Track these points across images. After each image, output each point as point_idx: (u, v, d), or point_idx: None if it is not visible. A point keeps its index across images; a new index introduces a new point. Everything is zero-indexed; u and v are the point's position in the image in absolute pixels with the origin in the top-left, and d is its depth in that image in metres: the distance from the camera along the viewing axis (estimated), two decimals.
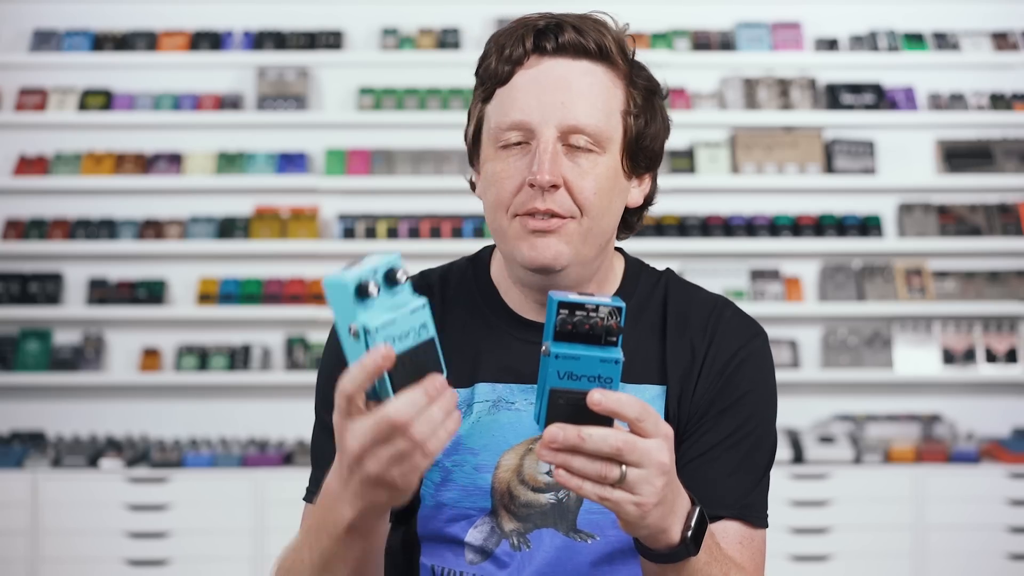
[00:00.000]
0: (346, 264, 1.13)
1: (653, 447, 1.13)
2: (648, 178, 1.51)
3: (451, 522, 1.46)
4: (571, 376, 1.11)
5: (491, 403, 1.46)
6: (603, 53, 1.42)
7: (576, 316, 1.11)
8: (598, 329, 1.11)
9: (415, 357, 1.12)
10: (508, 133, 1.41)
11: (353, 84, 4.88)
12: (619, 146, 1.43)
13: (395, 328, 1.11)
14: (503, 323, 1.50)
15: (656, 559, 1.24)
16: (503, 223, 1.42)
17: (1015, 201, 4.84)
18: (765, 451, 1.47)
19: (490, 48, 1.44)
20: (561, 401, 1.11)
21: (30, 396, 4.79)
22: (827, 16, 4.96)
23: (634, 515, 1.15)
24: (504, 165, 1.42)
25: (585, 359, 1.11)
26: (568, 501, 1.44)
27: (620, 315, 1.11)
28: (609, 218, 1.44)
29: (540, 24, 1.42)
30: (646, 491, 1.14)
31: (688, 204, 4.81)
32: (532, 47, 1.41)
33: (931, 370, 4.73)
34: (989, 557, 4.40)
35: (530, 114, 1.40)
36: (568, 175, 1.40)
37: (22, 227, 4.75)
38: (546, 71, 1.41)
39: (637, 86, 1.45)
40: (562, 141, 1.40)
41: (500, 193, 1.42)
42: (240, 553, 4.36)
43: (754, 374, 1.48)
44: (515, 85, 1.41)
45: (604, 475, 1.12)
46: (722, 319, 1.50)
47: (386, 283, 1.12)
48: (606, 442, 1.11)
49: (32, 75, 4.88)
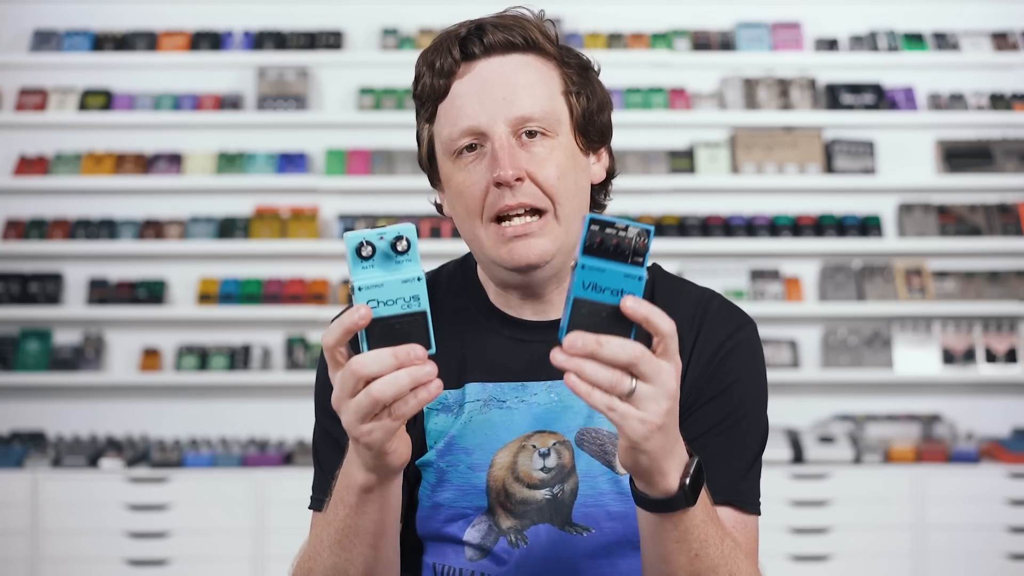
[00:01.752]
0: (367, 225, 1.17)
1: (665, 367, 1.14)
2: (604, 152, 1.54)
3: (449, 522, 1.46)
4: (595, 288, 1.14)
5: (482, 402, 1.47)
6: (530, 43, 1.45)
7: (606, 232, 1.14)
8: (625, 246, 1.14)
9: (399, 325, 1.15)
10: (460, 141, 1.44)
11: (353, 84, 4.88)
12: (568, 126, 1.46)
13: (381, 292, 1.15)
14: (492, 323, 1.51)
15: (653, 507, 1.23)
16: (478, 231, 1.45)
17: (1015, 201, 4.84)
18: (756, 437, 1.48)
19: (421, 68, 1.48)
20: (584, 311, 1.14)
21: (30, 396, 4.79)
22: (827, 16, 4.96)
23: (638, 433, 1.14)
24: (465, 175, 1.44)
25: (610, 272, 1.14)
26: (563, 496, 1.45)
27: (648, 237, 1.14)
28: (579, 198, 1.47)
29: (462, 32, 1.45)
30: (652, 409, 1.14)
31: (688, 204, 4.81)
32: (460, 56, 1.44)
33: (931, 370, 4.73)
34: (989, 557, 4.40)
35: (477, 117, 1.42)
36: (529, 166, 1.42)
37: (22, 227, 4.75)
38: (481, 73, 1.44)
39: (570, 66, 1.48)
40: (515, 135, 1.43)
41: (469, 201, 1.44)
42: (240, 553, 4.36)
43: (742, 362, 1.48)
44: (455, 95, 1.45)
45: (615, 383, 1.13)
46: (709, 310, 1.51)
47: (391, 249, 1.16)
48: (624, 350, 1.12)
49: (32, 75, 4.88)
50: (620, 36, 4.81)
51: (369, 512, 1.29)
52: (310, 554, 1.38)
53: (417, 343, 1.15)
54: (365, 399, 1.15)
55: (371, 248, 1.15)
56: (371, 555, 1.32)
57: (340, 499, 1.30)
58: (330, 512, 1.33)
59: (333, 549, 1.33)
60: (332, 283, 4.79)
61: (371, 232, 1.16)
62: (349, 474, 1.27)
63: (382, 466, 1.23)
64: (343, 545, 1.32)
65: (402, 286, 1.15)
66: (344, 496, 1.29)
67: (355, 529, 1.30)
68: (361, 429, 1.17)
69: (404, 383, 1.14)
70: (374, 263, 1.16)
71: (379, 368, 1.14)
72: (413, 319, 1.16)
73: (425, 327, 1.16)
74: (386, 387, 1.14)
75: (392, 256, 1.16)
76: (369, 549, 1.32)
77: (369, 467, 1.23)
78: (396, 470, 1.25)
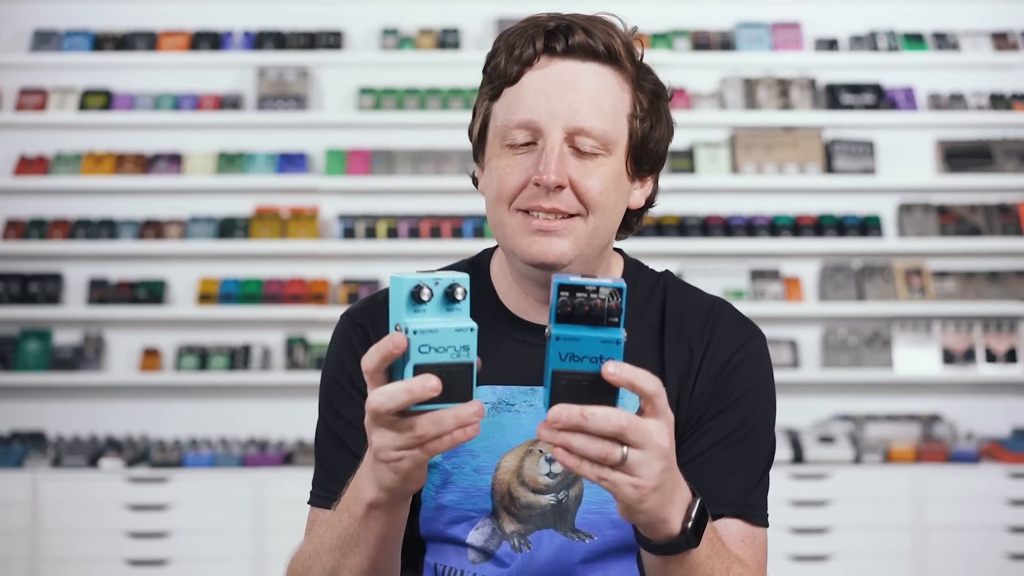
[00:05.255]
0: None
1: (655, 429, 1.14)
2: (650, 180, 1.51)
3: (452, 524, 1.46)
4: (573, 357, 1.12)
5: (491, 405, 1.47)
6: (612, 56, 1.42)
7: (577, 298, 1.12)
8: (598, 310, 1.12)
9: (447, 374, 1.14)
10: (515, 132, 1.41)
11: (353, 84, 4.88)
12: (624, 149, 1.44)
13: (435, 338, 1.14)
14: (503, 326, 1.51)
15: (657, 551, 1.24)
16: (504, 217, 1.43)
17: (1015, 201, 4.84)
18: (764, 450, 1.48)
19: (499, 47, 1.44)
20: (564, 382, 1.12)
21: (30, 396, 4.79)
22: (827, 16, 4.96)
23: (632, 497, 1.15)
24: (510, 161, 1.42)
25: (586, 340, 1.12)
26: (567, 501, 1.45)
27: (621, 296, 1.12)
28: (613, 218, 1.45)
29: (551, 25, 1.42)
30: (645, 474, 1.14)
31: (688, 204, 4.81)
32: (542, 48, 1.41)
33: (931, 370, 4.73)
34: (989, 557, 4.40)
35: (539, 114, 1.40)
36: (574, 175, 1.40)
37: (22, 227, 4.75)
38: (555, 72, 1.41)
39: (644, 89, 1.46)
40: (569, 143, 1.40)
41: (503, 187, 1.42)
42: (240, 553, 4.36)
43: (752, 374, 1.48)
44: (524, 85, 1.42)
45: (605, 455, 1.12)
46: (720, 320, 1.50)
47: (445, 298, 1.15)
48: (608, 421, 1.11)
49: (32, 75, 4.88)
50: None
51: (373, 527, 1.29)
52: (310, 553, 1.38)
53: (460, 393, 1.15)
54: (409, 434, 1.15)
55: (430, 292, 1.14)
56: (368, 566, 1.33)
57: (346, 507, 1.30)
58: (334, 517, 1.33)
59: (332, 553, 1.33)
60: (332, 283, 4.79)
61: (427, 276, 1.15)
62: (359, 487, 1.27)
63: (399, 489, 1.23)
64: (343, 551, 1.32)
65: (455, 335, 1.14)
66: (351, 506, 1.29)
67: (356, 539, 1.31)
68: (391, 455, 1.17)
69: (449, 424, 1.15)
70: (427, 308, 1.15)
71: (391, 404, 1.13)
72: (460, 369, 1.14)
73: (470, 378, 1.15)
74: (432, 426, 1.15)
75: (446, 303, 1.16)
76: (368, 560, 1.32)
77: (383, 487, 1.23)
78: (410, 493, 1.26)
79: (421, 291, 1.14)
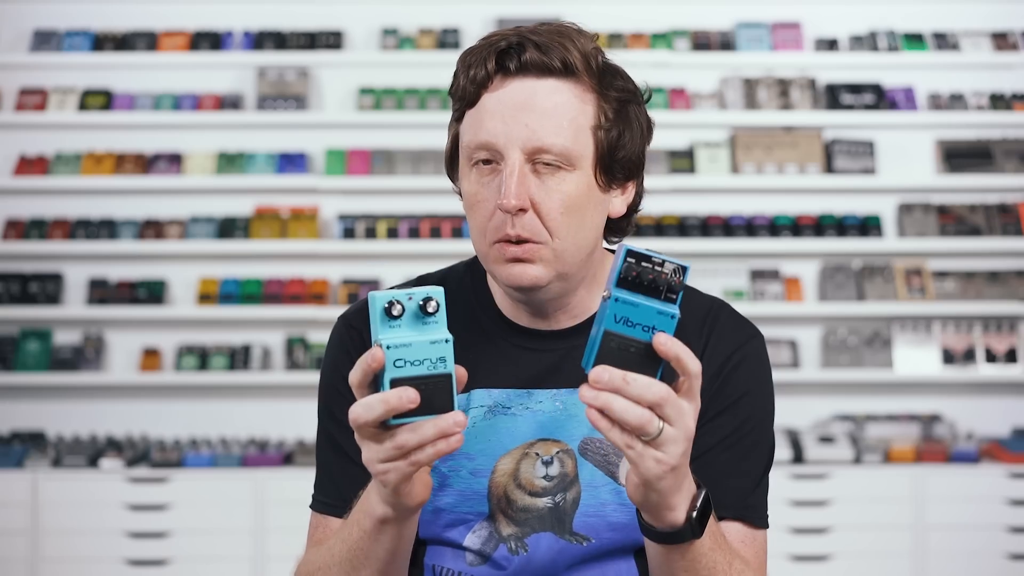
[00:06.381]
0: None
1: (687, 409, 1.14)
2: (632, 185, 1.50)
3: (449, 527, 1.46)
4: (627, 322, 1.13)
5: (487, 408, 1.47)
6: (568, 69, 1.40)
7: (642, 266, 1.13)
8: (660, 282, 1.13)
9: (424, 387, 1.16)
10: (476, 152, 1.41)
11: (353, 84, 4.88)
12: (591, 161, 1.42)
13: (408, 352, 1.16)
14: (500, 330, 1.51)
15: (661, 539, 1.24)
16: (483, 248, 1.44)
17: (1015, 201, 4.84)
18: (764, 451, 1.48)
19: (458, 68, 1.44)
20: (613, 344, 1.13)
21: (30, 396, 4.79)
22: (827, 16, 4.96)
23: (653, 472, 1.14)
24: (478, 188, 1.42)
25: (644, 308, 1.13)
26: (564, 504, 1.45)
27: (684, 274, 1.14)
28: (583, 234, 1.43)
29: (502, 45, 1.40)
30: (671, 451, 1.14)
31: (688, 204, 4.81)
32: (495, 68, 1.40)
33: (931, 370, 4.73)
34: (989, 557, 4.40)
35: (496, 136, 1.39)
36: (535, 196, 1.39)
37: (22, 227, 4.75)
38: (510, 93, 1.39)
39: (608, 98, 1.43)
40: (529, 162, 1.39)
41: (478, 219, 1.43)
42: (240, 553, 4.36)
43: (751, 375, 1.48)
44: (482, 107, 1.41)
45: (644, 423, 1.12)
46: (718, 321, 1.50)
47: (419, 311, 1.17)
48: (650, 390, 1.12)
49: (32, 75, 4.88)
50: (620, 36, 4.80)
51: (383, 541, 1.29)
52: (320, 565, 1.38)
53: (440, 404, 1.16)
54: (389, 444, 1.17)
55: (401, 308, 1.16)
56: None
57: (356, 521, 1.30)
58: (344, 530, 1.34)
59: (343, 567, 1.34)
60: (332, 283, 4.79)
61: (400, 292, 1.17)
62: (369, 502, 1.28)
63: (398, 504, 1.24)
64: (353, 565, 1.33)
65: (430, 347, 1.16)
66: (360, 520, 1.30)
67: (366, 553, 1.31)
68: (378, 468, 1.18)
69: (429, 434, 1.16)
70: (401, 323, 1.17)
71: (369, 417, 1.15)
72: (438, 381, 1.16)
73: (449, 389, 1.17)
74: (411, 436, 1.16)
75: (420, 317, 1.17)
76: (378, 574, 1.33)
77: (387, 501, 1.24)
78: (413, 510, 1.25)
79: (392, 307, 1.16)
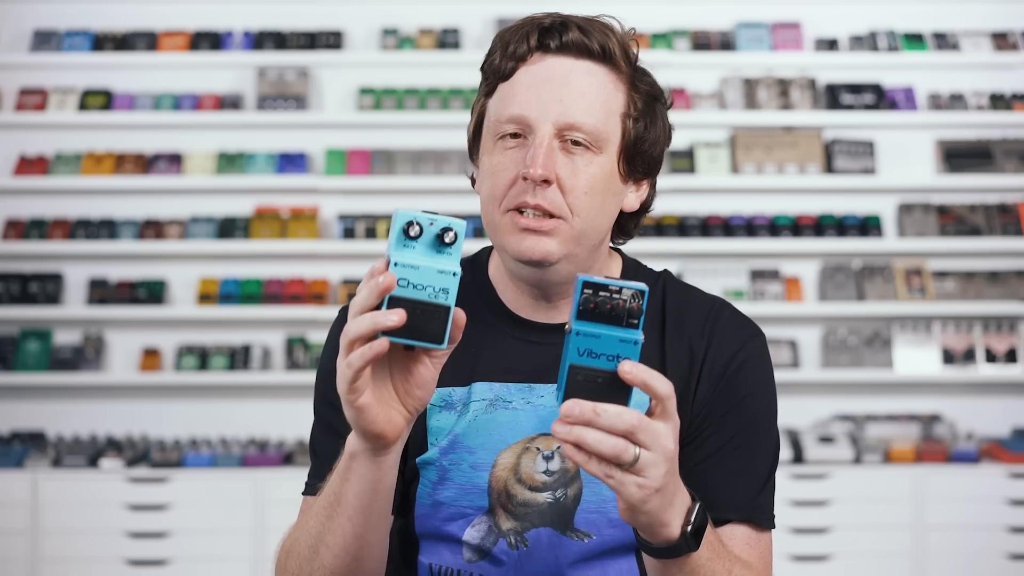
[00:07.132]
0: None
1: (663, 431, 1.14)
2: (646, 184, 1.51)
3: (448, 521, 1.46)
4: (591, 354, 1.13)
5: (488, 402, 1.47)
6: (606, 55, 1.43)
7: (600, 296, 1.13)
8: (620, 310, 1.14)
9: (420, 311, 1.15)
10: (506, 125, 1.42)
11: (353, 84, 4.88)
12: (616, 148, 1.44)
13: (415, 274, 1.16)
14: (501, 322, 1.51)
15: (657, 554, 1.24)
16: (495, 217, 1.43)
17: (1015, 201, 4.84)
18: (769, 452, 1.48)
19: (495, 44, 1.46)
20: (579, 377, 1.14)
21: (30, 396, 4.79)
22: (827, 16, 4.96)
23: (636, 497, 1.15)
24: (501, 158, 1.43)
25: (605, 338, 1.13)
26: (565, 500, 1.44)
27: (643, 298, 1.14)
28: (601, 219, 1.44)
29: (546, 22, 1.43)
30: (651, 474, 1.14)
31: (688, 204, 4.81)
32: (536, 44, 1.43)
33: (931, 370, 4.73)
34: (989, 557, 4.40)
35: (529, 109, 1.41)
36: (561, 172, 1.40)
37: (22, 227, 4.75)
38: (548, 68, 1.42)
39: (639, 91, 1.46)
40: (559, 138, 1.41)
41: (495, 187, 1.43)
42: (240, 553, 4.36)
43: (754, 376, 1.48)
44: (517, 80, 1.43)
45: (619, 453, 1.12)
46: (720, 320, 1.50)
47: (436, 240, 1.17)
48: (621, 419, 1.12)
49: (32, 75, 4.88)
50: None
51: (353, 482, 1.28)
52: (300, 524, 1.39)
53: (432, 333, 1.16)
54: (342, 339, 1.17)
55: (419, 229, 1.16)
56: (350, 531, 1.32)
57: (336, 468, 1.31)
58: (326, 486, 1.34)
59: (319, 518, 1.34)
60: (332, 283, 4.79)
61: (423, 215, 1.17)
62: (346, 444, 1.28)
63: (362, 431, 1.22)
64: (327, 514, 1.32)
65: (437, 275, 1.16)
66: (338, 465, 1.30)
67: (339, 497, 1.30)
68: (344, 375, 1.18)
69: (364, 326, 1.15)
70: (416, 245, 1.17)
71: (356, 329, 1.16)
72: (435, 310, 1.16)
73: (444, 321, 1.17)
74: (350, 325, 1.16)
75: (436, 245, 1.17)
76: (348, 523, 1.31)
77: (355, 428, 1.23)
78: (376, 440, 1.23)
79: (411, 227, 1.16)
